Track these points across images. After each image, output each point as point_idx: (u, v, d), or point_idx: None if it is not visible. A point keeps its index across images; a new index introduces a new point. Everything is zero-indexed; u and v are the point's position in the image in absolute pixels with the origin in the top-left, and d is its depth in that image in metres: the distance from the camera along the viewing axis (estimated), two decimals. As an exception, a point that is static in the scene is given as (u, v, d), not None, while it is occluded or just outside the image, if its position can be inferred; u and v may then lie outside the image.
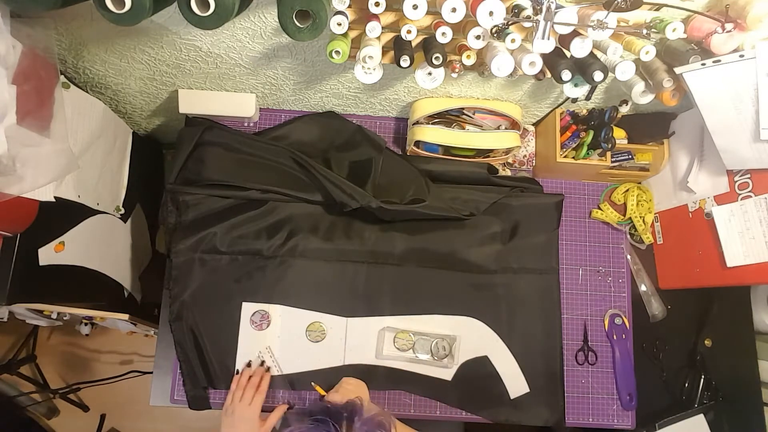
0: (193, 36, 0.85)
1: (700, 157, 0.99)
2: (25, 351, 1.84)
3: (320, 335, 1.02)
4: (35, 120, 0.75)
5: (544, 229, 1.09)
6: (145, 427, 1.86)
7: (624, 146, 1.06)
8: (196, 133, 1.03)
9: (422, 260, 1.05)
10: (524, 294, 1.06)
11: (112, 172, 1.09)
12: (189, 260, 1.00)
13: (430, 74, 0.82)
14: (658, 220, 1.13)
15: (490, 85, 0.98)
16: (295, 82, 1.01)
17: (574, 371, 1.07)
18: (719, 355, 1.10)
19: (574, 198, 1.15)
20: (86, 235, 0.99)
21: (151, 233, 1.32)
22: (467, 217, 1.03)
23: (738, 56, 0.72)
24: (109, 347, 1.93)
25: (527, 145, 1.12)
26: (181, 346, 0.98)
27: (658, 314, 1.12)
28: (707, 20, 0.71)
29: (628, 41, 0.74)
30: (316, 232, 1.03)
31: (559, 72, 0.73)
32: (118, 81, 1.02)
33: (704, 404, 1.07)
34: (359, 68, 0.79)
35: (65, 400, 1.82)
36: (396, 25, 0.74)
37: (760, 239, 0.88)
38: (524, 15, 0.68)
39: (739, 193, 0.92)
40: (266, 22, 0.80)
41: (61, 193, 0.88)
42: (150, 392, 1.03)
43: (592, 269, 1.12)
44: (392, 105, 1.10)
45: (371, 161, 1.06)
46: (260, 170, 1.03)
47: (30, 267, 0.85)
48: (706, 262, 0.98)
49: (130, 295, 1.20)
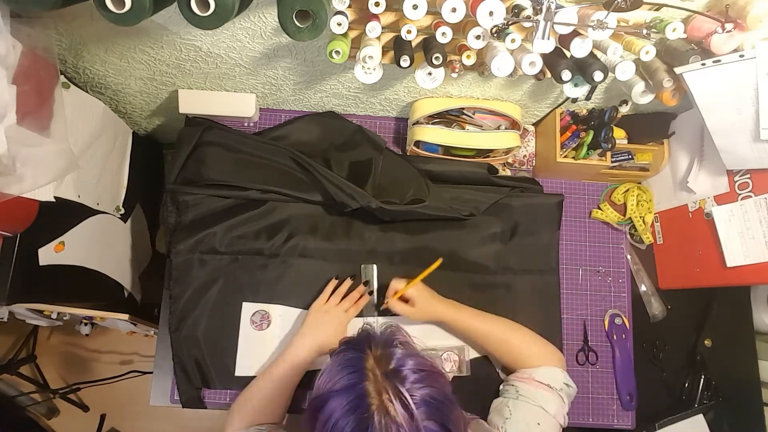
0: (193, 36, 0.85)
1: (700, 157, 0.99)
2: (25, 351, 1.84)
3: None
4: (35, 120, 0.75)
5: (544, 230, 1.09)
6: (145, 427, 1.86)
7: (624, 146, 1.06)
8: (196, 133, 1.03)
9: (422, 261, 1.04)
10: (524, 294, 1.06)
11: (112, 172, 1.09)
12: (189, 260, 1.00)
13: (430, 74, 0.82)
14: (658, 220, 1.13)
15: (490, 85, 0.98)
16: (295, 82, 1.01)
17: (574, 371, 1.07)
18: (719, 355, 1.10)
19: (574, 198, 1.15)
20: (86, 235, 0.99)
21: (151, 233, 1.32)
22: (467, 217, 1.03)
23: (738, 56, 0.72)
24: (109, 347, 1.93)
25: (527, 145, 1.12)
26: (179, 357, 0.98)
27: (658, 314, 1.12)
28: (707, 20, 0.71)
29: (628, 41, 0.74)
30: (315, 233, 1.03)
31: (559, 72, 0.73)
32: (118, 81, 1.02)
33: (704, 404, 1.07)
34: (359, 68, 0.79)
35: (65, 400, 1.82)
36: (396, 25, 0.74)
37: (760, 239, 0.88)
38: (524, 15, 0.68)
39: (739, 193, 0.92)
40: (266, 22, 0.80)
41: (61, 193, 0.88)
42: (150, 392, 1.03)
43: (592, 269, 1.12)
44: (392, 105, 1.10)
45: (371, 161, 1.06)
46: (260, 170, 1.03)
47: (30, 267, 0.85)
48: (706, 262, 0.98)
49: (130, 295, 1.20)
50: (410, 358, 0.62)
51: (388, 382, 0.59)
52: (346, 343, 0.67)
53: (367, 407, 0.57)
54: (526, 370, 0.87)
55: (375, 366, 0.61)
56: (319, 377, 0.64)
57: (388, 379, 0.59)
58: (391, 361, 0.62)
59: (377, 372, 0.60)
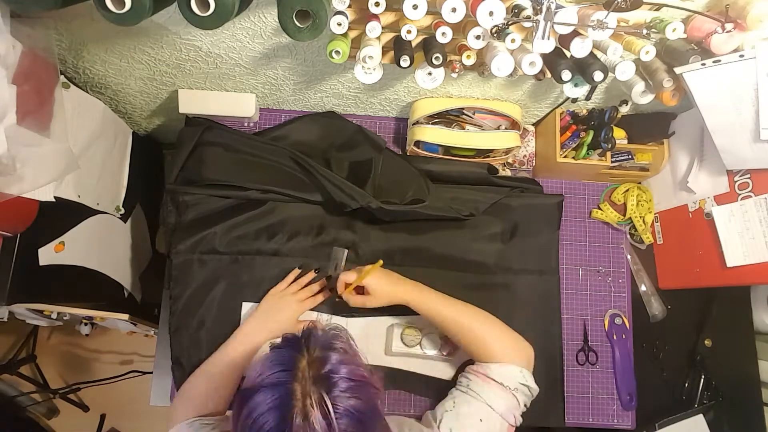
0: (193, 36, 0.85)
1: (700, 157, 0.99)
2: (25, 351, 1.84)
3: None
4: (35, 120, 0.75)
5: (544, 230, 1.09)
6: (145, 427, 1.86)
7: (624, 146, 1.06)
8: (196, 133, 1.03)
9: (422, 260, 1.05)
10: (524, 294, 1.06)
11: (112, 172, 1.09)
12: (189, 260, 1.00)
13: (430, 74, 0.82)
14: (658, 220, 1.13)
15: (490, 85, 0.98)
16: (295, 82, 1.01)
17: (574, 371, 1.07)
18: (719, 355, 1.10)
19: (574, 198, 1.15)
20: (86, 235, 0.99)
21: (151, 233, 1.32)
22: (467, 217, 1.03)
23: (738, 56, 0.72)
24: (109, 347, 1.93)
25: (527, 145, 1.12)
26: (179, 357, 0.98)
27: (658, 314, 1.12)
28: (707, 20, 0.71)
29: (628, 41, 0.74)
30: (315, 233, 1.03)
31: (559, 72, 0.73)
32: (118, 81, 1.02)
33: (704, 404, 1.07)
34: (359, 68, 0.79)
35: (65, 400, 1.82)
36: (396, 25, 0.74)
37: (760, 239, 0.88)
38: (524, 15, 0.68)
39: (739, 193, 0.92)
40: (266, 22, 0.80)
41: (61, 193, 0.88)
42: (150, 392, 1.03)
43: (592, 269, 1.12)
44: (392, 105, 1.10)
45: (371, 161, 1.06)
46: (260, 170, 1.03)
47: (30, 267, 0.85)
48: (706, 262, 0.98)
49: (130, 295, 1.20)
50: (345, 366, 0.62)
51: (315, 387, 0.58)
52: (286, 339, 0.66)
53: (290, 408, 0.57)
54: (484, 365, 0.84)
55: (307, 368, 0.60)
56: (253, 368, 0.63)
57: (316, 384, 0.59)
58: (324, 365, 0.61)
59: (308, 374, 0.60)
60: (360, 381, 0.62)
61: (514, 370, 0.83)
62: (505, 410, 0.79)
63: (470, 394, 0.81)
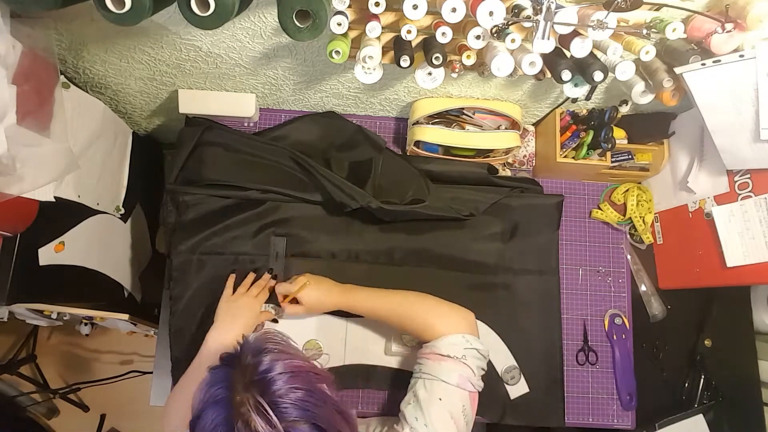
0: (193, 36, 0.85)
1: (700, 157, 0.99)
2: (25, 351, 1.84)
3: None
4: (35, 120, 0.75)
5: (544, 230, 1.09)
6: (145, 427, 1.86)
7: (624, 146, 1.06)
8: (196, 133, 1.03)
9: (422, 260, 1.05)
10: (524, 294, 1.06)
11: (112, 172, 1.09)
12: (189, 260, 1.00)
13: (430, 74, 0.82)
14: (658, 220, 1.13)
15: (490, 85, 0.98)
16: (295, 82, 1.01)
17: (574, 371, 1.07)
18: (719, 355, 1.10)
19: (574, 198, 1.15)
20: (86, 235, 0.99)
21: (151, 233, 1.32)
22: (467, 217, 1.03)
23: (738, 56, 0.72)
24: (109, 347, 1.93)
25: (527, 145, 1.12)
26: (179, 358, 0.98)
27: (658, 314, 1.12)
28: (707, 20, 0.71)
29: (628, 41, 0.74)
30: (315, 233, 1.03)
31: (559, 72, 0.73)
32: (118, 81, 1.02)
33: (704, 404, 1.07)
34: (359, 68, 0.79)
35: (65, 400, 1.83)
36: (396, 25, 0.74)
37: (760, 239, 0.88)
38: (524, 15, 0.68)
39: (739, 193, 0.92)
40: (266, 22, 0.80)
41: (61, 193, 0.88)
42: (150, 392, 1.03)
43: (592, 269, 1.12)
44: (392, 105, 1.10)
45: (371, 161, 1.06)
46: (260, 170, 1.03)
47: (30, 267, 0.85)
48: (706, 262, 0.98)
49: (130, 295, 1.20)
50: (279, 362, 0.62)
51: (249, 393, 0.59)
52: (220, 358, 0.66)
53: (233, 422, 0.57)
54: (429, 344, 0.84)
55: (240, 378, 0.61)
56: (195, 396, 0.63)
57: (250, 389, 0.59)
58: (257, 368, 0.61)
59: (240, 384, 0.60)
60: (297, 370, 0.62)
61: (457, 338, 0.82)
62: (460, 380, 0.78)
63: (423, 377, 0.80)
